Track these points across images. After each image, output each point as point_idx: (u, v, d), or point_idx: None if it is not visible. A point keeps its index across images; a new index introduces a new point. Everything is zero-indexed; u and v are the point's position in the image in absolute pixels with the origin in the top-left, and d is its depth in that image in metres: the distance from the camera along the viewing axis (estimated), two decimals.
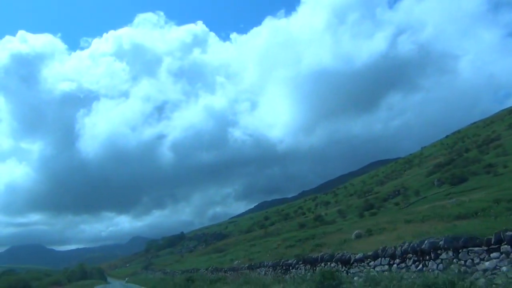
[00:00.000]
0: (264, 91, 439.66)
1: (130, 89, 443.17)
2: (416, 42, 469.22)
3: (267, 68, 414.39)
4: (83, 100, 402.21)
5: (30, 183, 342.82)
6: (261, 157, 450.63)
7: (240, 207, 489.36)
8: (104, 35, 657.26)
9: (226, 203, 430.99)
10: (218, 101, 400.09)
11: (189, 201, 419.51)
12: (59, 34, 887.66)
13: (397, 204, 62.09)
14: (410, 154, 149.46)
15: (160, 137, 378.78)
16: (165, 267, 73.18)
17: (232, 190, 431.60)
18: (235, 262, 32.15)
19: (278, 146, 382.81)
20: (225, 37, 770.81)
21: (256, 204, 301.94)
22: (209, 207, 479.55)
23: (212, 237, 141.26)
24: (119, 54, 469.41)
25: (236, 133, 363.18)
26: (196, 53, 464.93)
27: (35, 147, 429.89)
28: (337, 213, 75.50)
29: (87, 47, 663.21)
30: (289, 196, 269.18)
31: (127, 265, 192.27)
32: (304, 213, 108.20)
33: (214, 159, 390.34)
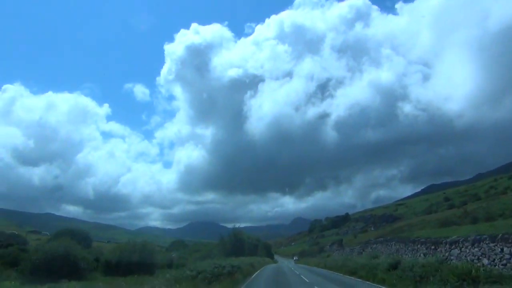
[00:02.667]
0: (440, 58, 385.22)
1: (293, 68, 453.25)
2: None
3: (443, 32, 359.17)
4: (249, 84, 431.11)
5: (205, 165, 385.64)
6: (434, 135, 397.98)
7: (405, 191, 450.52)
8: (266, 20, 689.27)
9: (391, 186, 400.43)
10: (385, 75, 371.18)
11: (351, 183, 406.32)
12: (226, 23, 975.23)
13: None
14: None
15: (324, 116, 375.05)
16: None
17: (397, 172, 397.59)
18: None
19: (455, 122, 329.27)
20: (389, 9, 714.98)
21: (424, 187, 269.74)
22: (372, 190, 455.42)
23: (381, 219, 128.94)
24: (281, 37, 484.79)
25: (407, 108, 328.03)
26: (359, 27, 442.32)
27: (208, 132, 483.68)
28: None
29: (251, 33, 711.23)
30: (462, 179, 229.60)
31: (292, 243, 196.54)
32: (505, 192, 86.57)
33: (380, 138, 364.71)
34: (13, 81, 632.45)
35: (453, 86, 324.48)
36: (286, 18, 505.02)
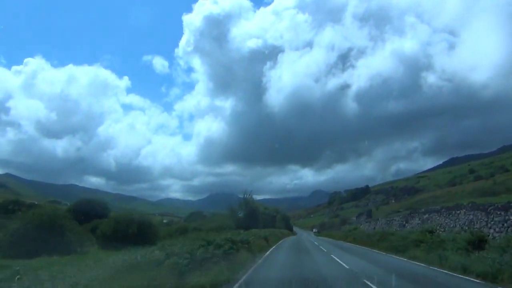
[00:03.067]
0: (466, 26, 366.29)
1: (314, 38, 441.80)
2: None
3: None
4: (268, 55, 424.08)
5: (225, 137, 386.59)
6: (459, 106, 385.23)
7: (426, 163, 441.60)
8: None
9: (412, 158, 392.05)
10: (408, 44, 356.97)
11: (371, 156, 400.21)
12: None
13: None
14: None
15: (344, 87, 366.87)
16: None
17: (419, 144, 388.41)
18: None
19: (481, 92, 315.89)
20: None
21: (445, 159, 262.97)
22: (393, 162, 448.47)
23: (402, 191, 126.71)
24: (302, 6, 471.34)
25: (431, 79, 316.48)
26: None
27: (227, 104, 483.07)
28: None
29: (271, 2, 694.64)
30: (486, 151, 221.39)
31: (311, 215, 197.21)
32: None
33: (403, 109, 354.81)
34: (34, 54, 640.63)
35: (480, 55, 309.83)
36: None
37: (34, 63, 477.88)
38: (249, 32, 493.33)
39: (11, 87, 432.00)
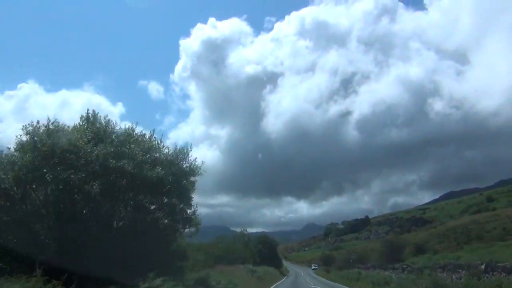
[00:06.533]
0: (477, 50, 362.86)
1: (317, 61, 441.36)
2: None
3: (482, 19, 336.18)
4: (267, 80, 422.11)
5: (220, 166, 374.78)
6: (465, 135, 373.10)
7: (424, 197, 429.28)
8: (286, 17, 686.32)
9: (409, 192, 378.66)
10: (414, 70, 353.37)
11: (368, 188, 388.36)
12: (245, 16, 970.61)
13: None
14: None
15: (346, 114, 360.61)
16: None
17: (417, 178, 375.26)
18: None
19: (490, 121, 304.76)
20: (417, 5, 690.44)
21: (441, 194, 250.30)
22: (390, 196, 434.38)
23: (408, 222, 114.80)
24: (303, 33, 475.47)
25: (438, 106, 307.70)
26: (385, 22, 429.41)
27: (223, 132, 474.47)
28: None
29: (271, 29, 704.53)
30: (483, 186, 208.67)
31: (306, 248, 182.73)
32: None
33: (406, 138, 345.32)
34: (27, 79, 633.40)
35: (492, 80, 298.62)
36: (307, 14, 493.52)
37: (27, 88, 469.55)
38: (248, 58, 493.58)
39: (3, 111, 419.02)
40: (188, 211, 19.02)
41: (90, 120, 17.19)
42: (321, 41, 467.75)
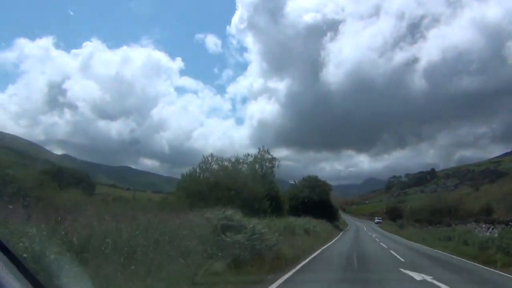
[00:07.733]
0: None
1: (381, 3, 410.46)
2: None
3: None
4: (327, 29, 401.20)
5: (279, 119, 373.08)
6: None
7: (494, 151, 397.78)
8: None
9: (478, 145, 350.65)
10: (491, 10, 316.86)
11: (434, 141, 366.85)
12: None
13: None
14: None
15: (412, 61, 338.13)
16: None
17: (488, 130, 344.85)
18: None
19: None
20: None
21: None
22: (457, 149, 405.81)
23: (481, 175, 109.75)
24: None
25: None
26: None
27: (282, 85, 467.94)
28: None
29: None
30: None
31: (366, 202, 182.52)
32: None
33: (478, 87, 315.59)
34: (90, 37, 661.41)
35: None
36: None
37: (91, 45, 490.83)
38: (306, 6, 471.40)
39: (70, 69, 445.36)
40: None
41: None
42: None
